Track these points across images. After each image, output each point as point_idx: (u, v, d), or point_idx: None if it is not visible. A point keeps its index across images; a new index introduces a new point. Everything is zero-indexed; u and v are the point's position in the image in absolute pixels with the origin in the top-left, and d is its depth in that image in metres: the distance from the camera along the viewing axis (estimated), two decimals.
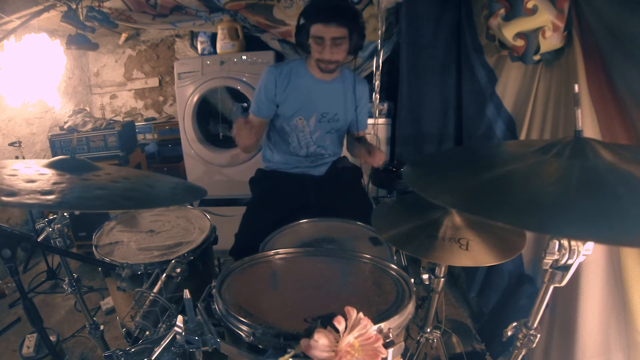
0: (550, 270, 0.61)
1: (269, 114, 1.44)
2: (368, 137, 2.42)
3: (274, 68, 1.40)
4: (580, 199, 0.49)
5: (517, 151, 0.73)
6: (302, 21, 1.30)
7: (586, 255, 0.58)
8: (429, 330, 1.09)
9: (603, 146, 0.58)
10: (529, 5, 1.21)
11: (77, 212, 1.14)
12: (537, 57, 1.31)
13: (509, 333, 0.75)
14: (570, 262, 0.58)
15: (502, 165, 0.64)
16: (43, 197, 0.57)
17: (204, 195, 0.87)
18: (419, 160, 0.87)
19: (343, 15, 1.24)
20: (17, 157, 2.26)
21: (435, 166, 0.79)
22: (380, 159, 1.33)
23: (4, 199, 0.54)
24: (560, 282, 0.62)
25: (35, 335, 1.57)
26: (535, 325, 0.72)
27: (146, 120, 3.22)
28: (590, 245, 0.57)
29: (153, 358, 0.66)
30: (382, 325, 0.63)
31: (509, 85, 1.61)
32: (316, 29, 1.24)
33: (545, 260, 0.60)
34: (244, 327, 0.64)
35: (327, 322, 0.57)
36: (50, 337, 1.07)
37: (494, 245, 0.83)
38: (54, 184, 0.63)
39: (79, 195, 0.62)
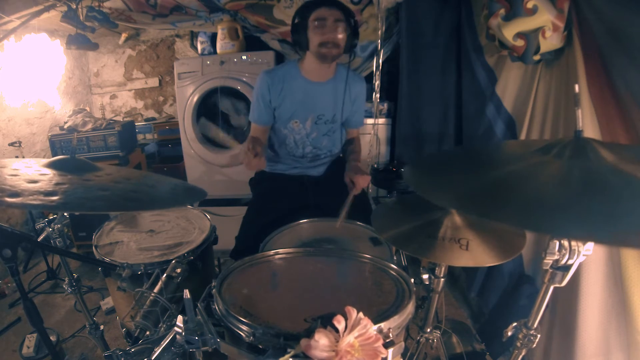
0: (551, 270, 0.62)
1: (270, 120, 1.44)
2: (368, 137, 2.44)
3: (266, 74, 1.41)
4: (580, 199, 0.49)
5: (517, 151, 0.73)
6: (297, 20, 1.32)
7: (586, 255, 0.58)
8: (429, 330, 1.09)
9: (603, 146, 0.58)
10: (529, 5, 1.21)
11: (77, 213, 1.14)
12: (537, 57, 1.31)
13: (509, 333, 0.75)
14: (570, 262, 0.58)
15: (502, 166, 0.64)
16: (47, 197, 0.57)
17: (204, 196, 0.87)
18: (419, 161, 0.87)
19: (342, 5, 1.30)
20: (17, 157, 2.26)
21: (435, 167, 0.79)
22: (362, 185, 1.28)
23: (8, 199, 0.54)
24: (560, 282, 0.62)
25: (35, 335, 1.57)
26: (535, 325, 0.72)
27: (146, 120, 3.22)
28: (590, 245, 0.57)
29: (153, 358, 0.66)
30: (382, 325, 0.63)
31: (509, 85, 1.61)
32: (319, 13, 1.27)
33: (545, 261, 0.60)
34: (244, 327, 0.64)
35: (327, 322, 0.57)
36: (50, 337, 1.07)
37: (494, 245, 0.83)
38: (57, 184, 0.63)
39: (82, 196, 0.62)
